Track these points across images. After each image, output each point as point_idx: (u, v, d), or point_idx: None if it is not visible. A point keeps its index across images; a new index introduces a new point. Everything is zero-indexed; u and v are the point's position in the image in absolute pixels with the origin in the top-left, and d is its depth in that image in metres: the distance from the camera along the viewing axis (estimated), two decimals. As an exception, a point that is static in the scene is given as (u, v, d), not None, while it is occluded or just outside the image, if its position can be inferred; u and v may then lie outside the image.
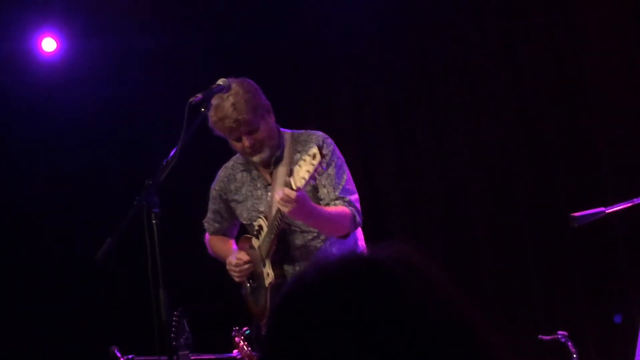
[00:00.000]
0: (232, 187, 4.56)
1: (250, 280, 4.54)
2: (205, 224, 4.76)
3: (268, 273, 4.36)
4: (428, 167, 6.60)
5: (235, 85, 4.24)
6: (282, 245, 4.34)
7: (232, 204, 4.58)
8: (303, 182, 3.92)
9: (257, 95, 4.31)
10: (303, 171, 3.91)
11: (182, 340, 4.10)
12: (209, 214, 4.72)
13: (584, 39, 6.11)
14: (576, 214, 4.22)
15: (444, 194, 6.55)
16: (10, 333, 6.68)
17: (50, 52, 6.87)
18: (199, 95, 4.08)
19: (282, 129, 4.44)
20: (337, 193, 4.30)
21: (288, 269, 4.36)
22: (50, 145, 6.86)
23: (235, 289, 6.75)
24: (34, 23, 6.83)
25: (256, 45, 6.90)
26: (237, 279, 4.55)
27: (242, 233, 4.71)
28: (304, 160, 3.93)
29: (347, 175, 4.37)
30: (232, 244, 4.70)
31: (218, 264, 6.75)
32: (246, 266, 4.46)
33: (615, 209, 4.22)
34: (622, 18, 5.99)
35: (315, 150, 3.89)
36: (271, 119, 4.36)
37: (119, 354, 5.09)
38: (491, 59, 6.40)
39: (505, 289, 6.24)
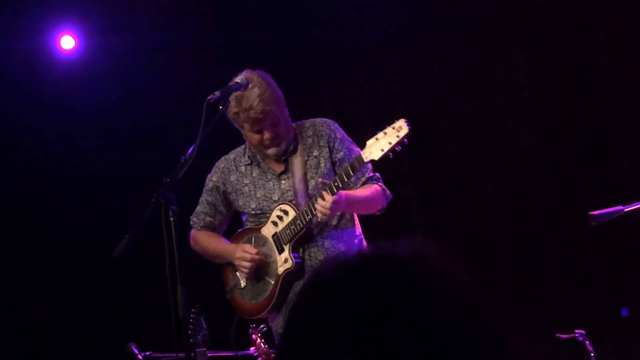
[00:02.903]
0: (233, 178, 4.50)
1: (247, 276, 4.47)
2: (194, 219, 4.64)
3: (286, 259, 4.31)
4: (446, 164, 6.58)
5: (256, 77, 4.23)
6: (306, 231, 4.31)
7: (232, 196, 4.51)
8: (381, 153, 3.89)
9: (276, 88, 4.31)
10: (383, 142, 3.88)
11: (199, 337, 4.11)
12: (200, 207, 4.62)
13: (604, 36, 6.07)
14: (594, 213, 4.20)
15: (462, 192, 6.53)
16: (28, 329, 6.71)
17: (68, 50, 6.89)
18: (217, 93, 4.08)
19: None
20: (366, 176, 4.34)
21: (301, 252, 4.33)
22: (69, 143, 6.88)
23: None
24: (53, 21, 6.85)
25: (274, 41, 6.91)
26: (245, 272, 4.46)
27: (232, 229, 4.64)
28: (385, 132, 3.89)
29: None
30: (222, 238, 4.60)
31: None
32: (257, 257, 4.39)
33: (634, 207, 4.19)
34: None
35: (402, 122, 3.85)
36: (286, 112, 4.36)
37: (136, 351, 5.10)
38: (509, 56, 6.37)
39: (523, 288, 6.22)
